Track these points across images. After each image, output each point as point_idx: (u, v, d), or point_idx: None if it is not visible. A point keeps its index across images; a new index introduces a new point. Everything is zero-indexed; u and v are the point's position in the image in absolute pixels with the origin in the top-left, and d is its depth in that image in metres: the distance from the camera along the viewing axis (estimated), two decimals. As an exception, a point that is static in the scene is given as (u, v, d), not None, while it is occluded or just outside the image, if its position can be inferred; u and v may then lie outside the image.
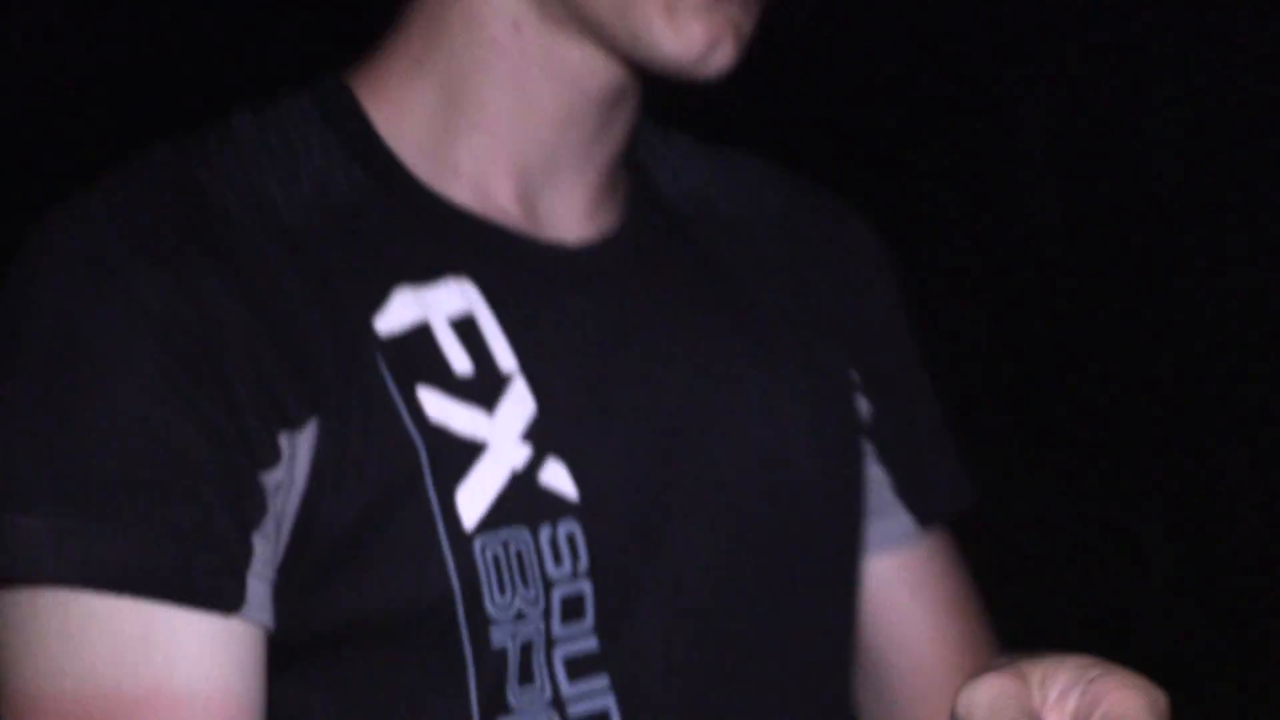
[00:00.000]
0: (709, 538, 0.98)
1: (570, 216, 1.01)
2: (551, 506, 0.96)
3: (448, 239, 0.98)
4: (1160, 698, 0.64)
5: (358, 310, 0.89)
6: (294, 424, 0.83)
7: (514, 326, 0.96)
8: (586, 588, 0.96)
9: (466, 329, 0.95)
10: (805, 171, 1.20)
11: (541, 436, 0.95)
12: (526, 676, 0.94)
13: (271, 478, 0.83)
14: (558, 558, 0.96)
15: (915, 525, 1.08)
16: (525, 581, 0.94)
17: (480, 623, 0.93)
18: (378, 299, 0.91)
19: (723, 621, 1.00)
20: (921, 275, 2.94)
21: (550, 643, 0.95)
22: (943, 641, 1.13)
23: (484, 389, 0.95)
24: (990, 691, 0.66)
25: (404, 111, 1.02)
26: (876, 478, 1.08)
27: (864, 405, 1.09)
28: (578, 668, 0.96)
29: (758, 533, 0.99)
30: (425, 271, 0.96)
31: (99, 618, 0.78)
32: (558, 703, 0.94)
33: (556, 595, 0.95)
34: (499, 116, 1.02)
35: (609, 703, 0.95)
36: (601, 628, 0.96)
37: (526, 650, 0.94)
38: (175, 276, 0.82)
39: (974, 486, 1.15)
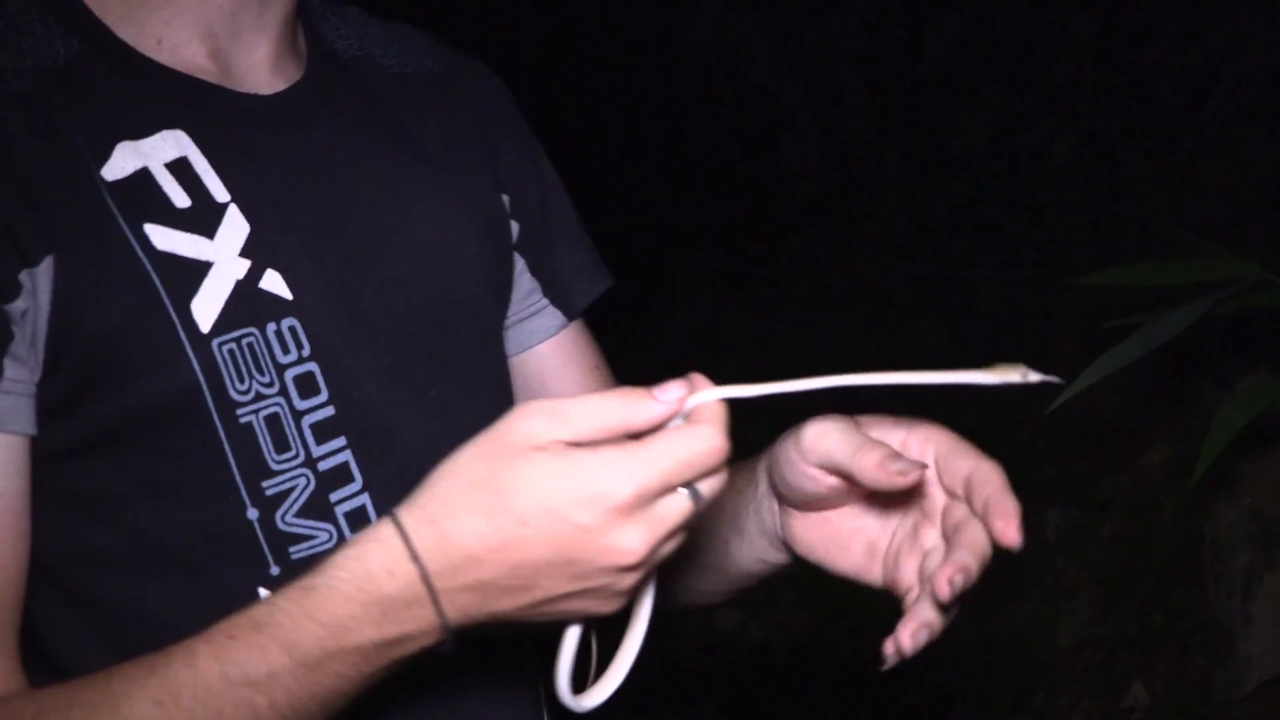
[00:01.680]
0: (392, 320, 1.17)
1: (258, 70, 1.17)
2: (273, 307, 1.12)
3: (160, 97, 1.12)
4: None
5: (86, 162, 1.02)
6: (31, 261, 0.97)
7: (223, 164, 1.10)
8: (314, 367, 1.13)
9: (182, 170, 1.08)
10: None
11: (258, 252, 1.11)
12: (283, 445, 1.12)
13: (15, 307, 0.97)
14: (284, 347, 1.13)
15: (563, 318, 1.34)
16: (260, 369, 1.11)
17: (227, 406, 1.10)
18: (103, 153, 1.04)
19: (410, 380, 1.18)
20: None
21: (297, 415, 1.12)
22: (595, 389, 1.32)
23: (203, 219, 1.09)
24: (837, 424, 0.98)
25: None
26: (528, 285, 1.31)
27: (514, 226, 1.31)
28: (321, 431, 1.13)
29: (427, 313, 1.18)
30: (142, 127, 1.10)
31: None
32: (309, 462, 1.12)
33: (289, 376, 1.12)
34: None
35: (347, 456, 1.13)
36: (335, 398, 1.14)
37: (274, 423, 1.11)
38: None
39: (608, 273, 1.41)
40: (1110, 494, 3.06)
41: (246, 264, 1.12)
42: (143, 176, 1.09)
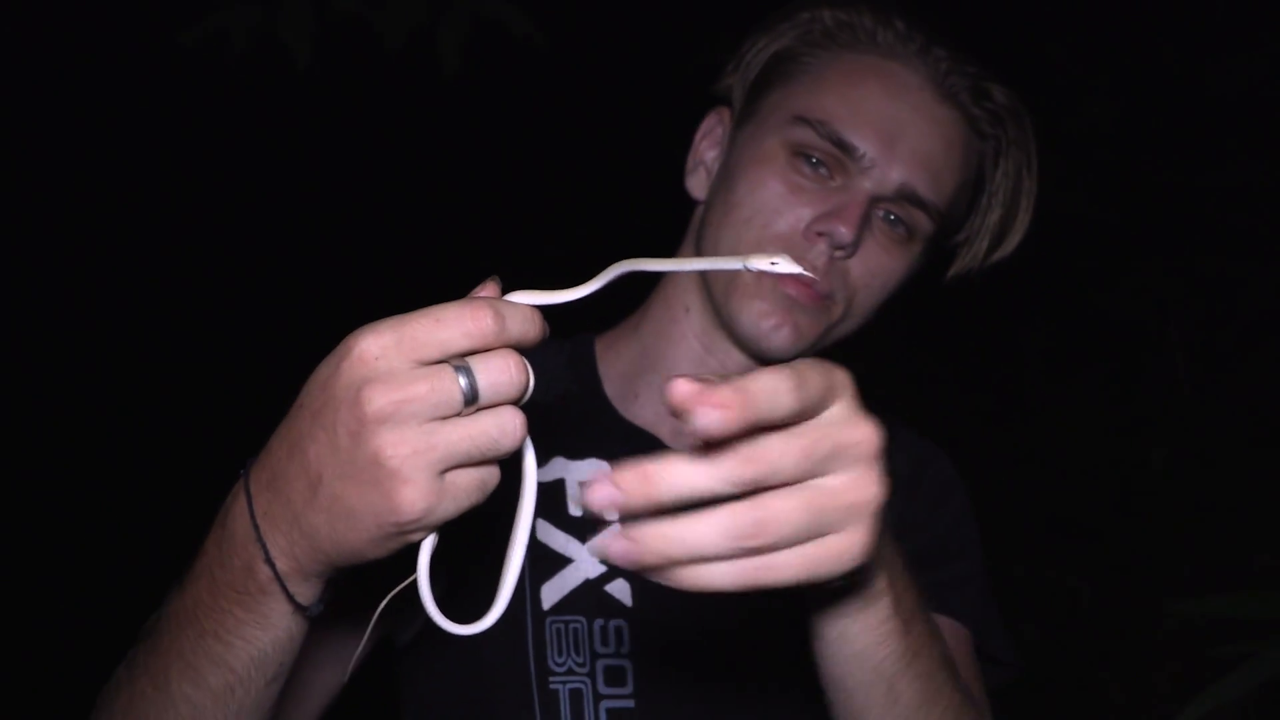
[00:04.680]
0: (717, 646, 1.28)
1: None
2: (609, 608, 1.33)
3: (606, 435, 1.36)
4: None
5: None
6: None
7: None
8: (628, 664, 1.32)
9: None
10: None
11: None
12: (578, 715, 1.30)
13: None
14: (605, 641, 1.33)
15: None
16: (577, 651, 1.31)
17: (543, 672, 1.31)
18: (542, 459, 1.22)
19: (715, 698, 1.29)
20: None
21: (598, 696, 1.30)
22: None
23: (586, 526, 1.27)
24: None
25: (617, 354, 1.47)
26: None
27: None
28: (617, 716, 1.31)
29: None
30: (579, 450, 1.33)
31: None
32: None
33: (600, 665, 1.32)
34: (670, 367, 1.43)
35: None
36: (639, 695, 1.31)
37: (576, 696, 1.30)
38: None
39: (1009, 647, 1.52)
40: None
41: (603, 569, 1.33)
42: (558, 484, 1.31)
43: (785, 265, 0.88)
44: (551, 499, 1.32)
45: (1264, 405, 3.45)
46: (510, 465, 0.91)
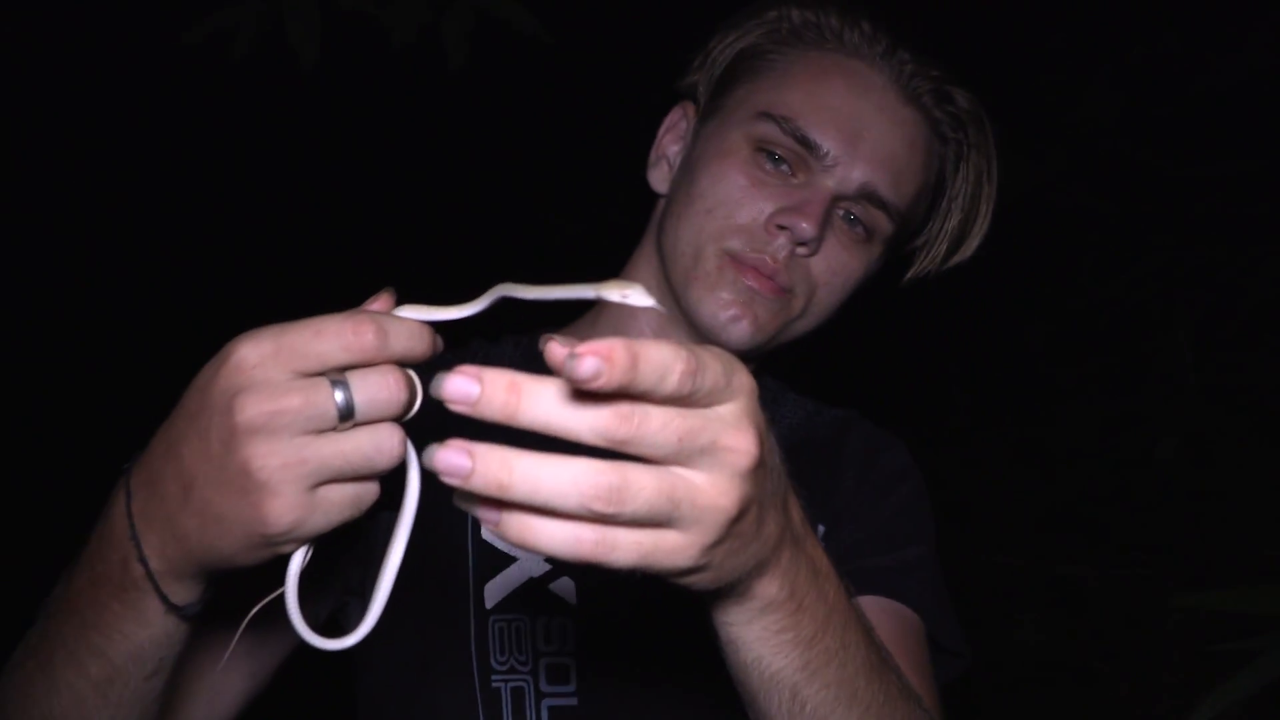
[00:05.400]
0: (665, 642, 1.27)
1: None
2: (552, 606, 1.31)
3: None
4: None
5: None
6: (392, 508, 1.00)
7: None
8: (571, 662, 1.30)
9: None
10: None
11: (561, 561, 1.20)
12: (519, 713, 1.29)
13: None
14: (549, 639, 1.31)
15: None
16: (519, 649, 1.30)
17: (485, 670, 1.29)
18: None
19: (660, 693, 1.29)
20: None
21: (540, 694, 1.29)
22: None
23: None
24: None
25: None
26: None
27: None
28: (559, 715, 1.30)
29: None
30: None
31: None
32: None
33: (543, 663, 1.30)
34: None
35: None
36: (582, 693, 1.30)
37: (518, 695, 1.29)
38: None
39: (958, 637, 1.44)
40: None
41: (547, 567, 1.33)
42: None
43: (636, 298, 0.83)
44: None
45: (1272, 395, 3.43)
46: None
